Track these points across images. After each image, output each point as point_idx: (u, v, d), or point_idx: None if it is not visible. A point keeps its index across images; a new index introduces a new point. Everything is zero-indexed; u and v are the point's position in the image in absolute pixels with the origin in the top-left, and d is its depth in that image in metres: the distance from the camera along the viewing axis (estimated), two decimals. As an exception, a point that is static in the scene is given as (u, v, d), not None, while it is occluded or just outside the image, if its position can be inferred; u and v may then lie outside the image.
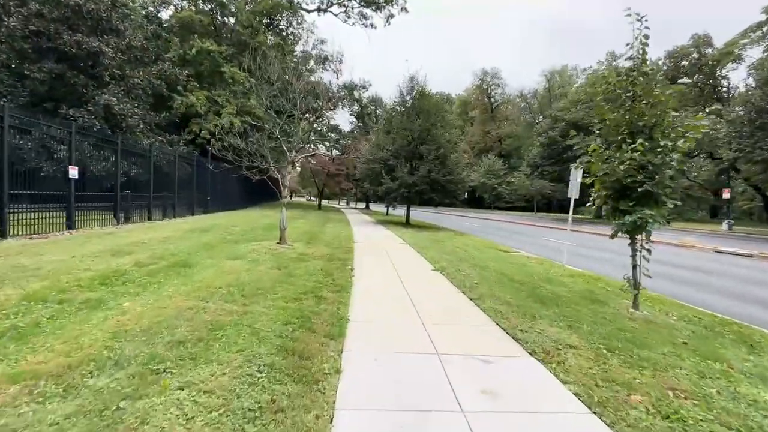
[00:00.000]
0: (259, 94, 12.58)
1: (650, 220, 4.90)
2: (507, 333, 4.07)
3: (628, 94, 5.27)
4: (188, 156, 18.95)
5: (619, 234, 5.54)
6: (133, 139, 17.19)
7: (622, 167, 4.99)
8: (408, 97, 20.24)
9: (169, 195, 16.05)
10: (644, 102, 5.27)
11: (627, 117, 5.29)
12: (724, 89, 37.14)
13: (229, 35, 26.72)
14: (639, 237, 5.34)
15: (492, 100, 65.21)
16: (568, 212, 9.90)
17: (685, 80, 30.74)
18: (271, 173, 9.90)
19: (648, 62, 5.55)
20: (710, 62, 34.51)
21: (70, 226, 9.92)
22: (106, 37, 16.93)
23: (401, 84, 20.45)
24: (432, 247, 11.09)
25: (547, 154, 36.45)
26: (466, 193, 21.09)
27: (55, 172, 10.02)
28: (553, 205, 57.76)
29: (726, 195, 26.79)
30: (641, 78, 5.37)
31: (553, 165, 36.50)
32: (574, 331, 4.19)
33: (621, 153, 5.18)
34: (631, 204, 5.08)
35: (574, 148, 32.28)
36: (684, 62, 35.01)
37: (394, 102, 20.63)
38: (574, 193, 10.03)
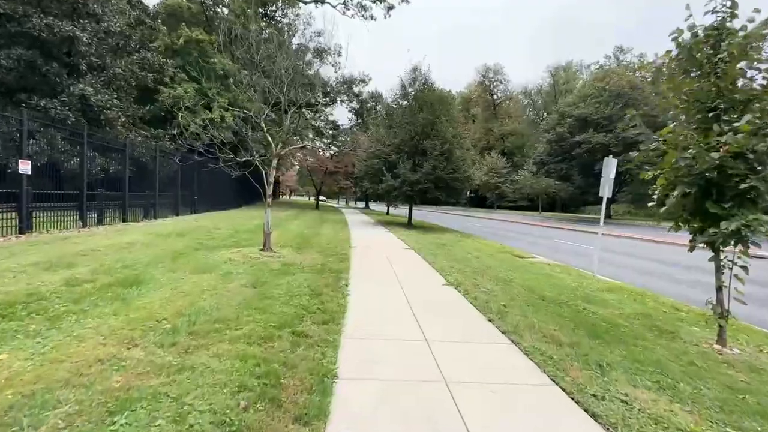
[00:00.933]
0: (248, 83, 11.23)
1: (761, 227, 3.52)
2: (573, 399, 2.72)
3: (719, 56, 3.84)
4: (172, 152, 17.60)
5: (700, 246, 4.18)
6: (112, 133, 15.87)
7: (715, 156, 3.61)
8: (410, 89, 18.88)
9: (150, 194, 14.71)
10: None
11: (716, 88, 3.89)
12: None
13: (221, 25, 25.30)
14: (731, 249, 3.96)
15: (494, 97, 63.76)
16: (573, 212, 8.58)
17: None
18: (263, 168, 8.56)
19: (737, 16, 4.16)
20: None
21: (23, 228, 8.56)
22: (82, 21, 15.54)
23: (403, 75, 19.09)
24: (440, 254, 9.75)
25: (554, 151, 35.00)
26: (468, 192, 19.76)
27: (2, 167, 8.66)
28: (556, 204, 56.46)
29: None
30: (730, 38, 3.98)
31: (560, 162, 35.02)
32: (672, 396, 2.84)
33: (709, 137, 3.80)
34: (727, 206, 3.70)
35: (583, 145, 31.00)
36: None
37: (396, 95, 19.29)
38: (606, 190, 8.70)
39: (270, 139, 8.34)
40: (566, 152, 34.02)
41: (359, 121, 32.87)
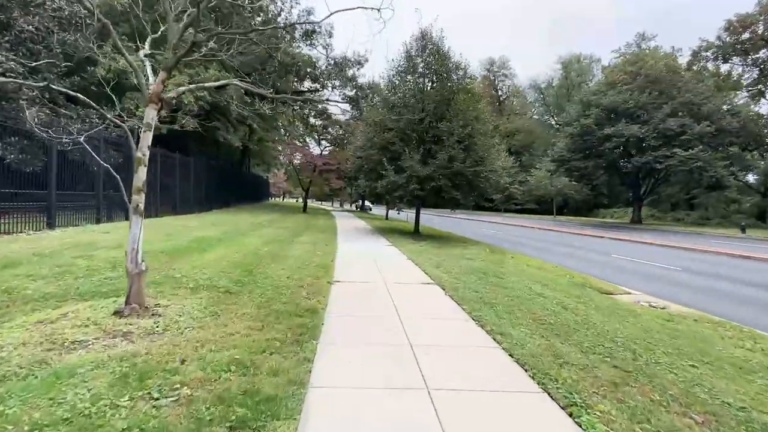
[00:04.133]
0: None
1: None
2: None
3: None
4: (107, 139, 13.26)
5: None
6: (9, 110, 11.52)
7: None
8: (419, 60, 14.60)
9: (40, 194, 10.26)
10: None
11: None
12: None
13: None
14: None
15: (500, 92, 59.66)
16: (586, 215, 4.38)
17: None
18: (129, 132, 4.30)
19: None
20: None
21: None
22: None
23: (408, 42, 14.80)
24: (490, 296, 5.43)
25: (577, 146, 30.68)
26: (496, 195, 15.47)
27: None
28: (568, 207, 52.35)
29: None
30: None
31: (584, 159, 30.69)
32: None
33: None
34: None
35: (614, 139, 26.65)
36: None
37: (398, 68, 14.92)
38: None
39: (136, 67, 4.05)
40: (591, 147, 29.73)
41: (354, 112, 28.55)
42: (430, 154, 13.07)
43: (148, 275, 4.03)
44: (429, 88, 13.74)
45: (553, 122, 55.65)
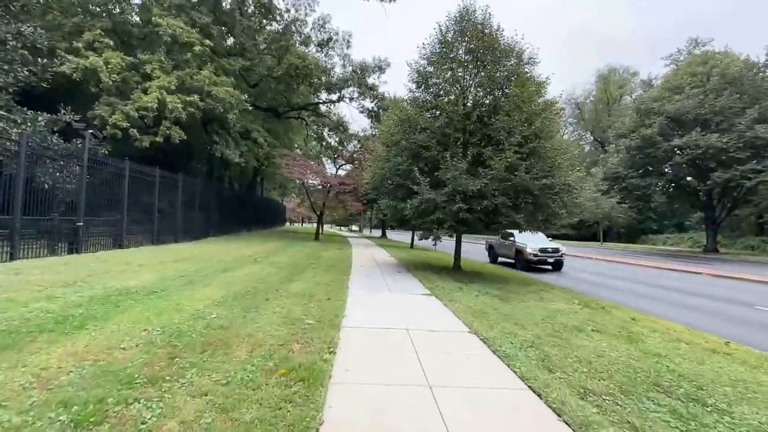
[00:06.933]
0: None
1: None
2: None
3: None
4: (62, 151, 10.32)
5: None
6: None
7: None
8: (458, 43, 11.13)
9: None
10: None
11: None
12: None
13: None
14: None
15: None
16: (639, 241, 1.27)
17: None
18: None
19: None
20: None
21: None
22: None
23: (443, 24, 11.38)
24: None
25: (636, 161, 26.07)
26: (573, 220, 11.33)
27: None
28: (611, 231, 46.98)
29: None
30: None
31: (642, 177, 26.06)
32: None
33: None
34: None
35: (687, 151, 22.08)
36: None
37: (428, 55, 11.39)
38: None
39: None
40: (653, 162, 25.19)
41: (374, 126, 25.42)
42: (480, 161, 9.37)
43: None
44: (474, 71, 10.23)
45: (591, 138, 51.16)
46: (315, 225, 31.29)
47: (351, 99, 23.64)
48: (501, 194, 8.89)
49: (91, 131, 10.45)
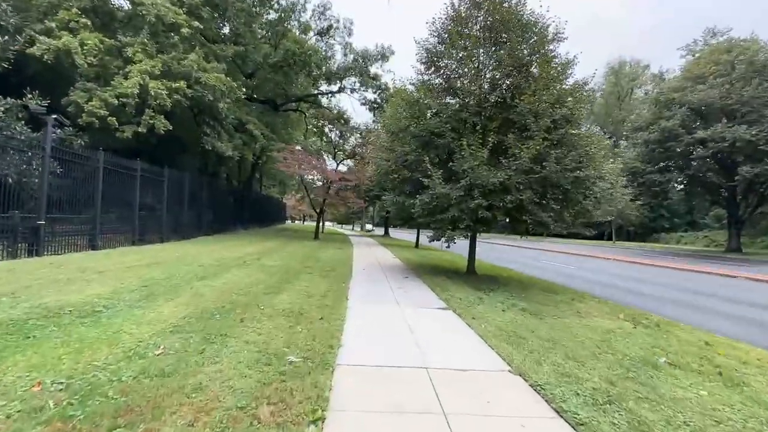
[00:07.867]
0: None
1: None
2: None
3: None
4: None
5: None
6: None
7: None
8: (473, 18, 9.77)
9: None
10: None
11: None
12: None
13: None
14: None
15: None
16: (652, 240, 1.62)
17: None
18: None
19: None
20: None
21: None
22: None
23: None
24: None
25: (655, 156, 24.54)
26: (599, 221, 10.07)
27: None
28: (622, 230, 45.49)
29: None
30: None
31: (661, 172, 24.55)
32: None
33: None
34: None
35: (711, 144, 20.58)
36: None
37: (444, 28, 10.00)
38: None
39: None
40: (673, 156, 23.70)
41: (375, 119, 24.10)
42: (502, 149, 8.08)
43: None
44: (492, 48, 8.92)
45: (602, 133, 49.66)
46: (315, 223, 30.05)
47: (352, 90, 22.30)
48: (526, 188, 7.61)
49: (54, 116, 9.19)
